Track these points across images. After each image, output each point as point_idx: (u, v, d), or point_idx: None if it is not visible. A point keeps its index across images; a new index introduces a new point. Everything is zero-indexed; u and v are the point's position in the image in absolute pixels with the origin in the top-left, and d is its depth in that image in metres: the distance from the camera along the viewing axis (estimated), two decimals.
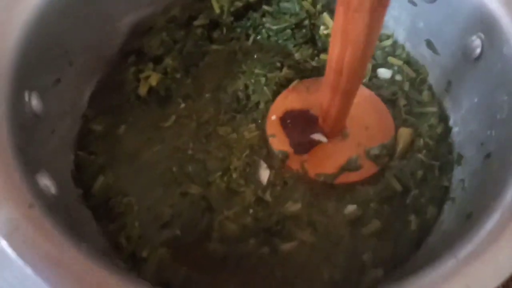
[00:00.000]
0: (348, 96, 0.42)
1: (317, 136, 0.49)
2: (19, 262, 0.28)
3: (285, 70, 0.55)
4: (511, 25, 0.39)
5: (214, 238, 0.43)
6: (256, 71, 0.55)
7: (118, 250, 0.43)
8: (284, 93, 0.53)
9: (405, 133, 0.48)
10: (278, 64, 0.55)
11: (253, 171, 0.47)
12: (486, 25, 0.41)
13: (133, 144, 0.49)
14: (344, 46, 0.36)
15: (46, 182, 0.37)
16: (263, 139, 0.50)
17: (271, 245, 0.42)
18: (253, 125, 0.51)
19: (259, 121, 0.52)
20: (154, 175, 0.47)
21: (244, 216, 0.44)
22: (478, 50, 0.43)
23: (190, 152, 0.49)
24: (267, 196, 0.45)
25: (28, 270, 0.28)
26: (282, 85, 0.54)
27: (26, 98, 0.40)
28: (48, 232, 0.30)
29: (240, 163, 0.47)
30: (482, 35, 0.42)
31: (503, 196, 0.32)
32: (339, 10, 0.33)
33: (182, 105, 0.53)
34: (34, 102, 0.42)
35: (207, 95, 0.54)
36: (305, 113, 0.51)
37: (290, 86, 0.53)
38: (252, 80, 0.54)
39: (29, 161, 0.37)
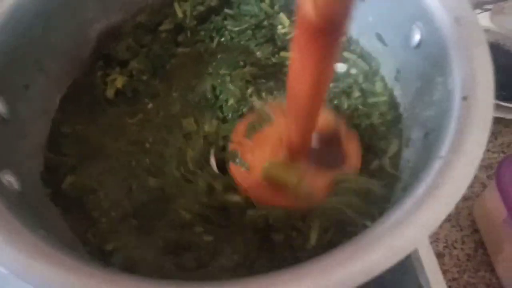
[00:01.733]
0: (306, 118, 0.41)
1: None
2: None
3: (248, 67, 0.58)
4: (441, 12, 0.42)
5: (168, 226, 0.45)
6: (222, 71, 0.58)
7: (86, 245, 0.45)
8: None
9: None
10: (242, 63, 0.58)
11: (206, 160, 0.50)
12: (422, 14, 0.44)
13: (100, 143, 0.52)
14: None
15: (9, 178, 0.39)
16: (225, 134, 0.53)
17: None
18: (215, 121, 0.54)
19: (229, 115, 0.54)
20: (117, 170, 0.49)
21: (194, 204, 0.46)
22: (418, 38, 0.46)
23: (147, 145, 0.51)
24: (217, 185, 0.47)
25: None
26: (248, 81, 0.56)
27: None
28: (6, 219, 0.32)
29: (195, 153, 0.49)
30: (420, 24, 0.45)
31: (431, 167, 0.34)
32: None
33: (150, 105, 0.56)
34: (0, 107, 0.43)
35: (174, 94, 0.57)
36: None
37: None
38: (219, 81, 0.57)
39: None
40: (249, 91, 0.56)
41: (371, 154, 0.50)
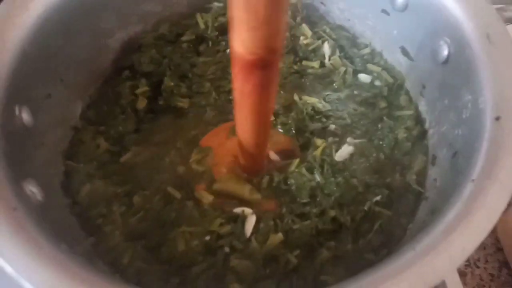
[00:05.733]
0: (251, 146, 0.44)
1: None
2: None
3: None
4: (471, 28, 0.41)
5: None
6: None
7: (102, 256, 0.44)
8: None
9: None
10: None
11: None
12: (450, 29, 0.43)
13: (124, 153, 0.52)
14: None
15: (32, 189, 0.39)
16: None
17: None
18: None
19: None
20: (140, 183, 0.49)
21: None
22: (445, 54, 0.44)
23: (167, 160, 0.51)
24: None
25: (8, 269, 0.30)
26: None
27: (17, 112, 0.42)
28: (30, 233, 0.32)
29: None
30: (448, 40, 0.44)
31: (462, 191, 0.33)
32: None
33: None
34: (25, 115, 0.44)
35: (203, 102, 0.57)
36: None
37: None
38: None
39: (17, 169, 0.39)
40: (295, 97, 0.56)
41: (388, 170, 0.49)
